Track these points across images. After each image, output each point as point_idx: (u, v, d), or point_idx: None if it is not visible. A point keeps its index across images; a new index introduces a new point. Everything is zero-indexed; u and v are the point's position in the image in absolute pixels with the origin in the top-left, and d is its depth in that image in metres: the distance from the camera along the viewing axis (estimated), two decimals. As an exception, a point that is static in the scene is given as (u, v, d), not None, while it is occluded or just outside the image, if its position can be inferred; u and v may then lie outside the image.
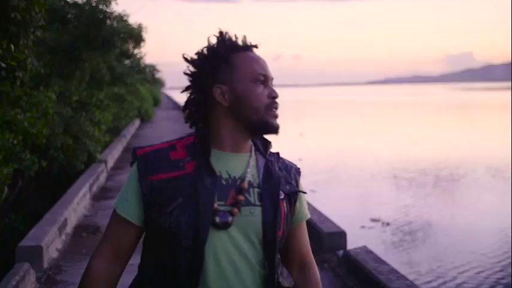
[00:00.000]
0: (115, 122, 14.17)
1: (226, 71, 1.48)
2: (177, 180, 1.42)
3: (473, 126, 29.35)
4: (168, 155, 1.46)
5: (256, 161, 1.52)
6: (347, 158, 16.69)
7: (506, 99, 68.75)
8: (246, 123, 1.48)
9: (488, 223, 9.27)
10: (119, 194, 1.50)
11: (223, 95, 1.47)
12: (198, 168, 1.43)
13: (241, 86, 1.47)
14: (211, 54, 1.50)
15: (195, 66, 1.52)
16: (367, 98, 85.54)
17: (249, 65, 1.48)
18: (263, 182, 1.49)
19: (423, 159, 16.01)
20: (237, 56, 1.49)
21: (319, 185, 12.30)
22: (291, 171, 1.58)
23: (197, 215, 1.39)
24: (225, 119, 1.48)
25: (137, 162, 1.47)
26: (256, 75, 1.48)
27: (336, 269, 4.66)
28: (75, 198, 6.61)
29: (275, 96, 1.49)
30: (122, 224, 1.47)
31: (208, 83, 1.48)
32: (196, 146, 1.47)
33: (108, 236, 1.50)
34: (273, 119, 1.49)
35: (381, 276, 3.86)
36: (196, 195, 1.40)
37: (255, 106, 1.46)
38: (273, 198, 1.48)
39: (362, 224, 9.06)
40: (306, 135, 24.34)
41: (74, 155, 8.63)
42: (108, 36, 9.25)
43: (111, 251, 1.48)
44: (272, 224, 1.45)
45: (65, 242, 5.64)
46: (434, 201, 10.96)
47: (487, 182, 12.80)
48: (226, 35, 1.51)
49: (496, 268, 7.05)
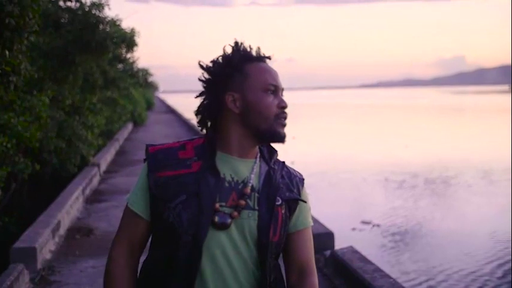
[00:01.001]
0: (108, 126, 14.23)
1: (239, 80, 1.54)
2: (182, 177, 1.49)
3: (464, 129, 29.57)
4: (177, 154, 1.54)
5: (260, 167, 1.58)
6: (339, 161, 16.80)
7: (498, 102, 69.20)
8: (254, 130, 1.54)
9: (478, 225, 9.40)
10: (131, 190, 1.59)
11: (235, 102, 1.53)
12: (204, 168, 1.50)
13: (252, 94, 1.53)
14: (225, 63, 1.56)
15: (209, 73, 1.58)
16: (360, 101, 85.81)
17: (261, 75, 1.55)
18: (262, 188, 1.54)
19: (414, 163, 16.13)
20: (250, 66, 1.56)
21: (311, 188, 12.25)
22: (294, 179, 1.63)
23: (198, 213, 1.46)
24: (234, 125, 1.54)
25: (148, 158, 1.55)
26: (267, 85, 1.54)
27: (323, 269, 4.78)
28: (69, 201, 6.70)
29: (284, 106, 1.55)
30: (132, 217, 1.56)
31: (221, 90, 1.55)
32: (204, 147, 1.55)
33: (121, 229, 1.59)
34: (281, 128, 1.55)
35: (365, 275, 3.97)
36: (199, 193, 1.47)
37: (265, 115, 1.52)
38: (270, 204, 1.53)
39: (353, 226, 9.15)
40: (299, 139, 24.46)
41: (67, 158, 8.70)
42: (101, 41, 9.29)
43: (126, 243, 1.56)
44: (267, 229, 1.51)
45: (58, 243, 5.73)
46: (424, 203, 11.07)
47: (477, 184, 12.93)
48: (241, 46, 1.58)
49: (484, 270, 7.15)
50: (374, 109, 58.68)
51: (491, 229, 9.00)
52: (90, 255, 5.33)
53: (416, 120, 38.53)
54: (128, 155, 13.20)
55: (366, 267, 4.14)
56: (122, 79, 14.70)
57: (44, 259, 5.10)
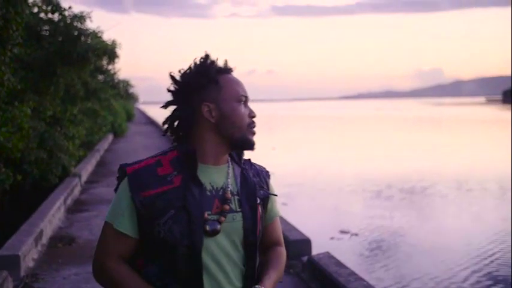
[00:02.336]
0: (88, 137, 14.27)
1: (214, 91, 1.60)
2: (167, 194, 1.52)
3: (441, 140, 30.03)
4: (156, 171, 1.55)
5: (234, 170, 1.66)
6: (319, 172, 16.94)
7: (474, 114, 70.32)
8: (229, 139, 1.61)
9: (453, 234, 9.61)
10: (109, 210, 1.58)
11: (211, 113, 1.59)
12: (186, 181, 1.54)
13: (227, 105, 1.60)
14: (201, 74, 1.61)
15: (184, 84, 1.62)
16: (340, 113, 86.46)
17: (234, 87, 1.63)
18: (241, 190, 1.63)
19: (392, 173, 16.37)
20: (223, 77, 1.63)
21: (290, 198, 12.54)
22: (261, 175, 1.74)
23: (189, 225, 1.51)
24: (209, 135, 1.60)
25: (128, 179, 1.55)
26: (240, 96, 1.62)
27: (301, 273, 4.94)
28: (51, 211, 6.78)
29: (254, 115, 1.66)
30: (121, 238, 1.55)
31: (196, 101, 1.60)
32: (181, 160, 1.58)
33: (108, 247, 1.57)
34: (252, 136, 1.64)
35: (340, 278, 4.15)
36: (187, 206, 1.51)
37: (239, 124, 1.61)
38: (251, 204, 1.63)
39: (331, 236, 9.29)
40: (279, 149, 24.64)
41: (48, 169, 8.76)
42: (83, 53, 9.38)
43: (115, 256, 1.57)
44: (253, 228, 1.62)
45: (40, 252, 5.81)
46: (402, 213, 11.22)
47: (452, 194, 13.18)
48: (212, 58, 1.65)
49: (458, 277, 7.32)
50: (354, 120, 59.21)
51: (466, 237, 9.22)
52: (73, 263, 5.43)
53: (396, 131, 39.00)
54: (108, 165, 13.26)
55: (340, 271, 4.31)
56: (103, 90, 14.77)
57: (27, 267, 5.18)
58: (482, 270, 7.48)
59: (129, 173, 1.56)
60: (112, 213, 1.57)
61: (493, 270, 7.51)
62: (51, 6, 9.50)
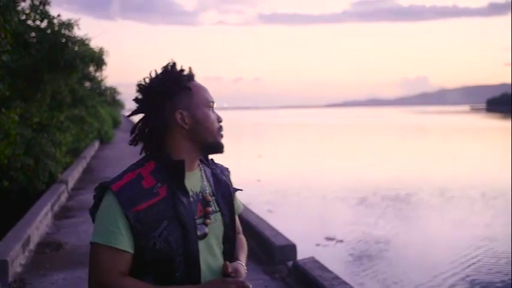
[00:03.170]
0: (75, 144, 14.26)
1: (185, 98, 1.61)
2: (157, 206, 1.52)
3: (426, 148, 30.33)
4: (141, 184, 1.54)
5: (205, 172, 1.72)
6: (304, 179, 17.03)
7: (459, 122, 71.01)
8: (202, 144, 1.64)
9: (436, 240, 9.75)
10: (98, 231, 1.52)
11: (184, 120, 1.60)
12: (173, 191, 1.56)
13: (199, 111, 1.62)
14: (172, 82, 1.61)
15: (155, 92, 1.61)
16: (326, 121, 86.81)
17: (203, 93, 1.65)
18: (216, 190, 1.70)
19: (378, 181, 16.51)
20: (193, 84, 1.65)
21: (276, 205, 12.63)
22: (225, 173, 1.81)
23: (184, 233, 1.54)
24: (183, 142, 1.62)
25: (115, 196, 1.51)
26: (209, 102, 1.66)
27: (286, 278, 5.04)
28: (38, 217, 6.80)
29: (221, 120, 1.70)
30: (121, 255, 1.51)
31: (168, 109, 1.60)
32: (162, 171, 1.58)
33: (106, 269, 1.51)
34: (222, 139, 1.69)
35: (325, 282, 4.25)
36: (179, 215, 1.54)
37: (211, 129, 1.64)
38: (228, 202, 1.72)
39: (317, 242, 9.38)
40: (265, 157, 24.74)
41: (34, 175, 8.77)
42: (70, 60, 9.43)
43: (115, 272, 1.52)
44: (231, 224, 1.71)
45: (28, 257, 5.84)
46: (387, 220, 11.35)
47: (436, 201, 13.35)
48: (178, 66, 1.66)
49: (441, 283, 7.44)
50: (340, 128, 59.51)
51: (449, 244, 9.36)
52: (61, 269, 5.47)
53: (381, 139, 39.29)
54: (95, 172, 13.26)
55: (325, 275, 4.42)
56: (90, 97, 14.79)
57: (15, 272, 5.21)
58: (466, 277, 7.62)
59: (116, 190, 1.52)
60: (103, 233, 1.51)
61: (475, 276, 7.65)
62: (39, 14, 9.54)
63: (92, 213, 1.60)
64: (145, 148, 1.66)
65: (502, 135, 41.95)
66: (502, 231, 10.28)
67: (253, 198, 12.85)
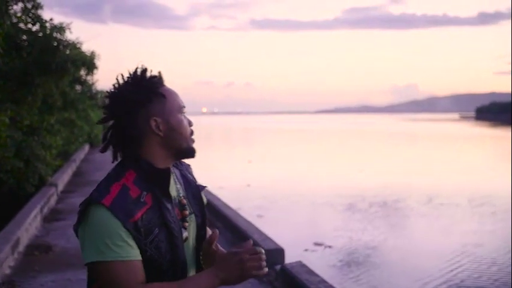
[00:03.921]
0: (65, 147, 14.27)
1: (158, 104, 1.58)
2: (147, 214, 1.51)
3: (415, 155, 30.53)
4: (130, 195, 1.51)
5: (176, 175, 1.70)
6: (294, 185, 17.09)
7: (448, 130, 71.53)
8: (176, 150, 1.61)
9: (423, 246, 9.85)
10: (100, 249, 1.47)
11: (158, 127, 1.57)
12: (158, 199, 1.55)
13: (173, 117, 1.59)
14: (147, 89, 1.58)
15: (129, 100, 1.57)
16: (317, 127, 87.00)
17: (175, 98, 1.62)
18: (186, 191, 1.69)
19: (367, 187, 16.61)
20: (165, 90, 1.61)
21: (266, 210, 12.69)
22: (189, 169, 1.80)
23: (172, 239, 1.55)
24: (158, 149, 1.59)
25: (110, 211, 1.46)
26: (181, 107, 1.63)
27: (274, 282, 5.10)
28: (27, 219, 6.83)
29: (192, 124, 1.67)
30: (136, 266, 1.49)
31: (142, 116, 1.57)
32: (141, 179, 1.55)
33: (127, 285, 1.48)
34: (193, 144, 1.66)
35: (311, 285, 4.32)
36: (167, 223, 1.54)
37: (185, 135, 1.62)
38: (198, 202, 1.72)
39: (306, 248, 9.43)
40: (255, 162, 24.80)
41: (24, 178, 8.78)
42: (62, 63, 9.44)
43: (136, 284, 1.50)
44: (203, 223, 1.71)
45: (17, 259, 5.86)
46: (376, 226, 11.42)
47: (423, 208, 13.46)
48: (148, 71, 1.62)
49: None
50: (331, 134, 59.72)
51: (436, 249, 9.46)
52: (50, 271, 5.49)
53: (372, 145, 39.50)
54: (84, 175, 13.28)
55: (311, 278, 4.49)
56: (81, 101, 14.80)
57: (4, 274, 5.24)
58: (449, 281, 7.71)
59: (109, 205, 1.47)
60: (109, 249, 1.47)
61: (459, 281, 7.75)
62: (31, 18, 9.56)
63: (78, 231, 1.53)
64: (117, 156, 1.62)
65: (490, 143, 42.35)
66: (487, 237, 10.42)
67: (243, 203, 12.92)
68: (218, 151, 33.63)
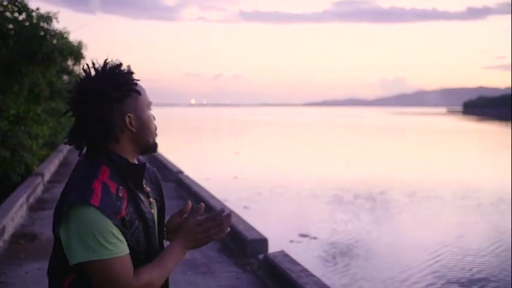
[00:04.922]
0: (52, 137, 14.23)
1: (131, 101, 1.60)
2: (128, 208, 1.55)
3: (402, 149, 30.75)
4: (111, 192, 1.52)
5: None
6: (281, 177, 17.16)
7: (436, 124, 71.98)
8: (144, 145, 1.65)
9: (409, 238, 9.98)
10: (95, 248, 1.47)
11: (131, 123, 1.60)
12: (132, 192, 1.59)
13: (144, 113, 1.63)
14: (122, 85, 1.59)
15: (104, 96, 1.56)
16: (305, 119, 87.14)
17: (144, 94, 1.65)
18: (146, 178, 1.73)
19: (352, 179, 16.76)
20: (138, 86, 1.63)
21: (252, 202, 12.75)
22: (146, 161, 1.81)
23: (147, 230, 1.60)
24: (128, 144, 1.62)
25: (99, 210, 1.46)
26: (149, 103, 1.67)
27: (257, 271, 5.19)
28: (13, 208, 6.85)
29: (155, 118, 1.71)
30: (127, 260, 1.52)
31: (116, 112, 1.58)
32: (115, 174, 1.57)
33: (124, 279, 1.51)
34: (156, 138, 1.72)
35: (293, 274, 4.41)
36: (143, 213, 1.59)
37: (152, 130, 1.66)
38: (156, 187, 1.77)
39: (291, 239, 9.51)
40: (243, 154, 24.86)
41: (11, 167, 8.78)
42: (49, 53, 9.40)
43: (133, 280, 1.53)
44: (162, 207, 1.77)
45: (2, 248, 5.89)
46: (360, 217, 11.52)
47: (409, 200, 13.62)
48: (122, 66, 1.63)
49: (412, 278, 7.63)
50: (318, 127, 59.87)
51: (421, 241, 9.58)
52: (35, 259, 5.53)
53: (359, 138, 39.69)
54: (71, 165, 13.22)
55: (293, 267, 4.57)
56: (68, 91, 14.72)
57: (-11, 262, 5.27)
58: (433, 272, 7.83)
59: (99, 205, 1.48)
60: (103, 247, 1.47)
61: (442, 272, 7.88)
62: (17, 7, 9.50)
63: (59, 231, 1.52)
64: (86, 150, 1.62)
65: (476, 138, 42.72)
66: (470, 229, 10.58)
67: (230, 194, 12.97)
68: (206, 143, 33.67)
